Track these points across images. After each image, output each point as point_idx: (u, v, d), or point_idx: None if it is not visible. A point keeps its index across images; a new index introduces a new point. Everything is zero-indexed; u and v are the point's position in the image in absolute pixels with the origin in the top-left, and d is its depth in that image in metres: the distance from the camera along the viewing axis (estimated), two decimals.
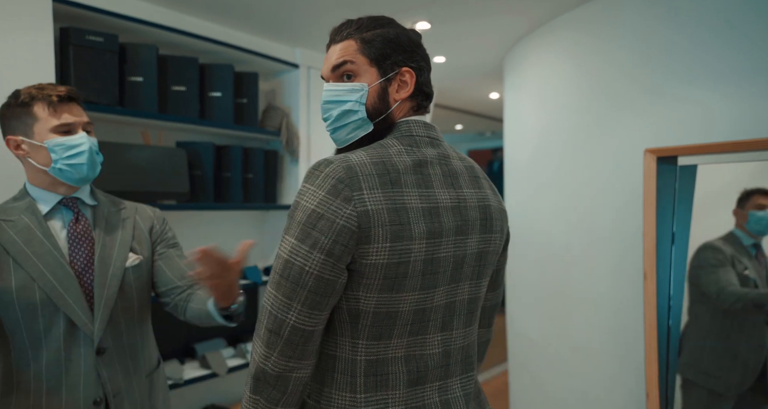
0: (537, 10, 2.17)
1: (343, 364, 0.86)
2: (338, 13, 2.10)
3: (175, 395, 2.24)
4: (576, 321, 2.12)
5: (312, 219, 0.80)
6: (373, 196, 0.80)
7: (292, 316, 0.81)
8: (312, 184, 0.82)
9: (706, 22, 1.67)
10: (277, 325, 0.81)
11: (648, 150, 1.75)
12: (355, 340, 0.85)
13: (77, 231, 1.26)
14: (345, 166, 0.82)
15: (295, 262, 0.80)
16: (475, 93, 3.84)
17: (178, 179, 2.05)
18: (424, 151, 0.90)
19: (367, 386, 0.85)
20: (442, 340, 0.91)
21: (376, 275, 0.81)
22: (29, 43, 1.61)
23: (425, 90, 0.95)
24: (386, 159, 0.85)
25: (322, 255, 0.79)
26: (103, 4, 1.82)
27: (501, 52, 2.77)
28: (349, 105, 0.91)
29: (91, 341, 1.23)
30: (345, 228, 0.79)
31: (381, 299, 0.83)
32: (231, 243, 2.51)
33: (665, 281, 1.71)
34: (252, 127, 2.35)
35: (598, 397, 2.00)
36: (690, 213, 1.69)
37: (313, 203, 0.80)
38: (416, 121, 0.92)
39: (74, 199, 1.28)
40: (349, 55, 0.91)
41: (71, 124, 1.23)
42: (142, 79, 1.96)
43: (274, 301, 0.82)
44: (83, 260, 1.25)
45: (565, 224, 2.18)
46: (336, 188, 0.80)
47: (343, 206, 0.79)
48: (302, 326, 0.81)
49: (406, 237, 0.81)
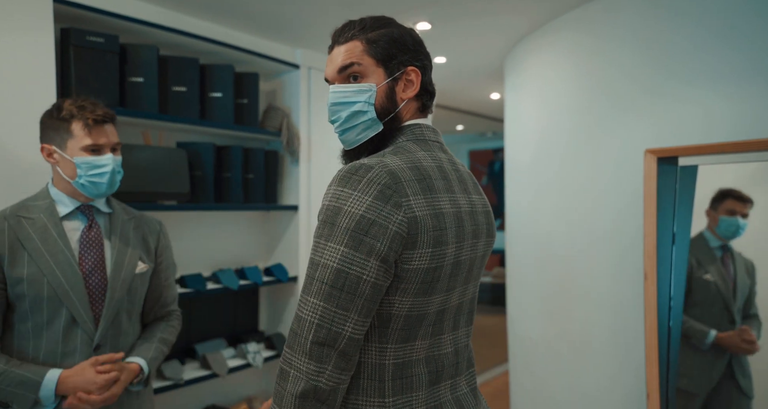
0: (537, 11, 2.17)
1: (370, 369, 0.85)
2: (339, 14, 2.10)
3: (175, 396, 2.24)
4: (577, 321, 2.11)
5: (362, 225, 0.77)
6: (418, 202, 0.81)
7: (348, 327, 0.78)
8: (353, 190, 0.79)
9: (706, 23, 1.67)
10: (332, 338, 0.77)
11: (648, 150, 1.74)
12: (383, 344, 0.84)
13: (89, 237, 1.38)
14: (388, 172, 0.81)
15: (350, 271, 0.77)
16: (476, 93, 3.84)
17: (178, 180, 2.05)
18: (439, 156, 0.91)
19: (395, 389, 0.85)
20: (453, 339, 0.93)
21: (416, 280, 0.82)
22: (30, 44, 1.61)
23: (429, 89, 0.97)
24: (418, 164, 0.86)
25: (377, 262, 0.78)
26: (103, 4, 1.83)
27: (502, 52, 2.77)
28: (359, 106, 0.91)
29: (89, 337, 1.33)
30: (397, 234, 0.79)
31: (415, 302, 0.84)
32: (231, 244, 2.52)
33: (666, 282, 1.71)
34: (252, 128, 2.35)
35: (599, 397, 2.00)
36: (691, 214, 1.68)
37: (360, 209, 0.78)
38: (427, 126, 0.94)
39: (90, 207, 1.40)
40: (356, 56, 0.91)
41: (101, 146, 1.34)
42: (143, 80, 1.96)
43: (325, 313, 0.78)
44: (91, 263, 1.36)
45: (565, 224, 2.18)
46: (384, 194, 0.79)
47: (394, 212, 0.79)
48: (357, 336, 0.79)
49: (443, 242, 0.83)
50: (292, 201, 2.56)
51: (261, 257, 2.65)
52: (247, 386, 2.56)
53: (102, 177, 1.34)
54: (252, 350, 2.31)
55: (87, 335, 1.33)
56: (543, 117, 2.36)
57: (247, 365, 2.28)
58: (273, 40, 2.46)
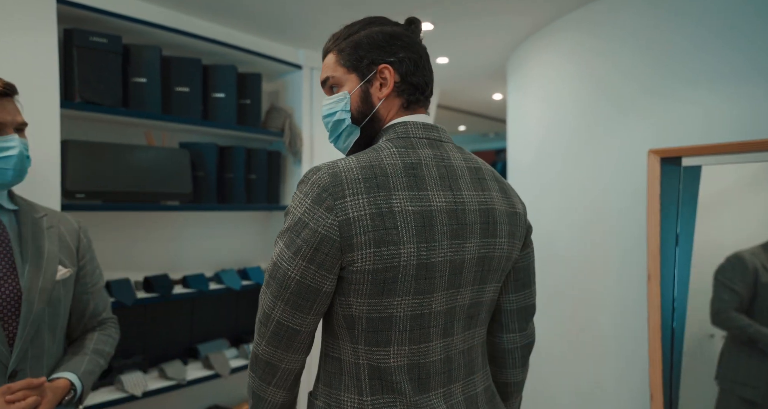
0: (540, 11, 2.17)
1: (348, 367, 0.88)
2: (341, 15, 2.10)
3: (178, 396, 2.24)
4: (580, 322, 2.11)
5: (298, 227, 0.82)
6: (356, 203, 0.80)
7: (276, 312, 0.85)
8: (301, 192, 0.84)
9: (707, 23, 1.66)
10: (265, 318, 0.87)
11: (652, 151, 1.74)
12: (354, 345, 0.86)
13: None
14: (330, 173, 0.82)
15: (280, 265, 0.84)
16: (479, 94, 3.84)
17: (181, 180, 2.05)
18: (420, 152, 0.88)
19: (372, 388, 0.86)
20: (444, 346, 0.90)
21: (364, 281, 0.81)
22: (34, 44, 1.61)
23: (412, 81, 0.92)
24: (375, 163, 0.84)
25: (303, 262, 0.82)
26: (106, 5, 1.83)
27: (504, 53, 2.77)
28: (338, 115, 0.94)
29: (1, 363, 1.08)
30: (326, 237, 0.80)
31: (372, 304, 0.83)
32: (234, 244, 2.52)
33: (669, 283, 1.71)
34: (255, 128, 2.35)
35: (602, 399, 1.99)
36: (694, 214, 1.68)
37: (300, 211, 0.83)
38: (414, 123, 0.91)
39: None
40: (330, 69, 0.95)
41: (2, 124, 1.10)
42: (146, 80, 1.96)
43: (264, 297, 0.87)
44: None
45: (568, 224, 2.17)
46: (320, 197, 0.81)
47: (325, 216, 0.80)
48: (286, 323, 0.85)
49: (392, 241, 0.80)
50: None
51: (263, 257, 2.65)
52: None
53: (7, 162, 1.09)
54: None
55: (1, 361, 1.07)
56: (545, 117, 2.35)
57: None
58: (276, 41, 2.46)
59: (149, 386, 1.93)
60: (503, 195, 0.94)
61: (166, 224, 2.25)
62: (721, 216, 1.66)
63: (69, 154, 1.74)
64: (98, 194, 1.82)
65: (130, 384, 1.87)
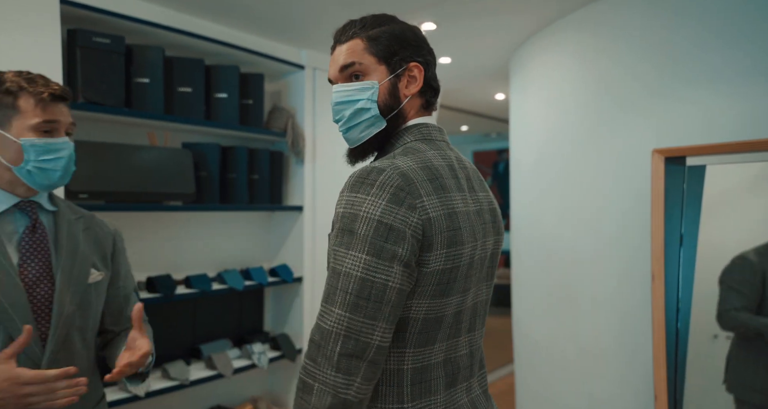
0: (542, 11, 2.16)
1: (388, 375, 0.83)
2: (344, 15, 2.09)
3: (180, 396, 2.24)
4: (583, 323, 2.10)
5: (381, 231, 0.76)
6: (431, 203, 0.80)
7: (377, 336, 0.76)
8: (367, 194, 0.78)
9: (710, 23, 1.66)
10: (360, 349, 0.75)
11: (656, 150, 1.73)
12: (401, 349, 0.83)
13: (33, 240, 1.11)
14: (400, 173, 0.79)
15: (375, 279, 0.75)
16: (481, 94, 3.84)
17: (183, 180, 2.05)
18: (448, 154, 0.91)
19: (413, 394, 0.84)
20: (469, 341, 0.92)
21: (432, 282, 0.81)
22: (37, 45, 1.61)
23: (433, 85, 0.95)
24: (428, 164, 0.84)
25: (401, 267, 0.76)
26: (109, 5, 1.83)
27: (507, 52, 2.76)
28: (362, 104, 0.90)
29: (33, 363, 1.06)
30: (413, 237, 0.77)
31: (432, 305, 0.82)
32: (237, 244, 2.52)
33: (673, 283, 1.70)
34: (257, 129, 2.35)
35: (606, 399, 1.99)
36: (699, 214, 1.67)
37: (375, 214, 0.76)
38: (433, 126, 0.94)
39: (32, 203, 1.13)
40: (357, 55, 0.91)
41: (55, 125, 1.10)
42: (149, 81, 1.96)
43: (352, 323, 0.75)
44: (36, 272, 1.09)
45: (571, 225, 2.17)
46: (398, 197, 0.77)
47: (409, 215, 0.77)
48: (385, 344, 0.77)
49: (458, 242, 0.82)
50: (297, 202, 2.56)
51: (266, 257, 2.65)
52: (252, 387, 2.56)
53: (56, 163, 1.09)
54: (257, 351, 2.31)
55: (31, 360, 1.05)
56: (548, 117, 2.35)
57: (252, 365, 2.27)
58: (278, 41, 2.46)
59: (152, 387, 1.93)
60: (491, 194, 1.00)
61: (169, 224, 2.25)
62: (725, 216, 1.65)
63: None
64: (101, 194, 1.82)
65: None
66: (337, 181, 2.65)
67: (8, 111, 1.07)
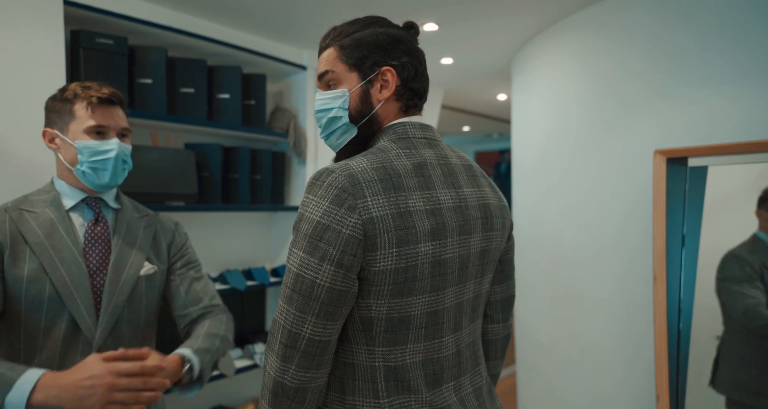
0: (545, 11, 2.16)
1: (362, 371, 0.86)
2: (346, 15, 2.10)
3: None
4: (585, 323, 2.10)
5: (318, 231, 0.79)
6: (376, 203, 0.80)
7: (307, 329, 0.80)
8: (315, 195, 0.81)
9: (713, 24, 1.66)
10: (293, 339, 0.81)
11: (658, 151, 1.73)
12: (370, 347, 0.85)
13: (95, 232, 1.23)
14: (347, 174, 0.81)
15: (305, 275, 0.79)
16: (483, 94, 3.84)
17: (186, 181, 2.06)
18: (423, 152, 0.89)
19: (389, 390, 0.85)
20: (455, 340, 0.92)
21: (386, 281, 0.81)
22: (41, 46, 1.62)
23: (412, 87, 0.93)
24: (387, 163, 0.84)
25: (331, 266, 0.78)
26: (112, 6, 1.84)
27: (509, 53, 2.76)
28: (334, 112, 0.92)
29: (90, 348, 1.16)
30: (352, 237, 0.78)
31: (392, 304, 0.83)
32: (239, 244, 2.53)
33: (675, 284, 1.70)
34: (260, 129, 2.35)
35: (607, 399, 1.99)
36: (701, 215, 1.67)
37: (317, 214, 0.79)
38: (412, 123, 0.92)
39: (98, 199, 1.25)
40: (330, 63, 0.93)
41: (104, 127, 1.19)
42: (151, 81, 1.97)
43: (287, 315, 0.81)
44: (96, 261, 1.21)
45: (573, 225, 2.17)
46: (339, 198, 0.79)
47: (347, 215, 0.78)
48: (318, 338, 0.81)
49: (411, 241, 0.81)
50: (299, 202, 2.56)
51: (268, 257, 2.66)
52: (254, 387, 2.57)
53: (105, 164, 1.19)
54: (259, 351, 2.31)
55: (89, 342, 1.16)
56: (550, 118, 2.35)
57: (254, 365, 2.28)
58: (280, 42, 2.46)
59: None
60: (492, 190, 0.98)
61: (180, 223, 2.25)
62: (727, 217, 1.65)
63: None
64: None
65: None
66: None
67: (66, 117, 1.19)
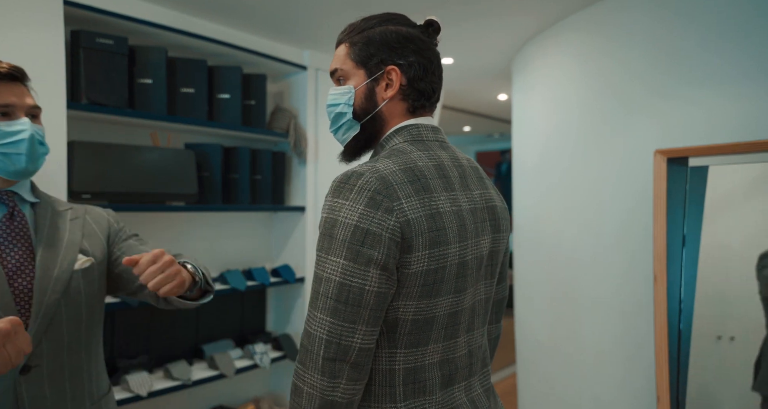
0: (545, 11, 2.16)
1: (380, 375, 0.84)
2: (346, 15, 2.10)
3: (182, 396, 2.25)
4: (585, 324, 2.10)
5: (358, 235, 0.77)
6: (410, 205, 0.79)
7: (357, 339, 0.77)
8: (345, 199, 0.79)
9: (714, 24, 1.65)
10: (342, 352, 0.77)
11: (658, 151, 1.73)
12: (392, 349, 0.83)
13: (11, 228, 1.07)
14: (377, 176, 0.79)
15: (352, 283, 0.77)
16: (484, 94, 3.83)
17: (186, 181, 2.06)
18: (439, 154, 0.90)
19: (406, 394, 0.84)
20: (467, 341, 0.92)
21: (416, 283, 0.81)
22: (41, 46, 1.62)
23: (419, 87, 0.91)
24: (411, 164, 0.84)
25: (378, 270, 0.77)
26: (113, 6, 1.84)
27: (509, 53, 2.76)
28: (340, 108, 0.93)
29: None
30: (391, 240, 0.77)
31: (419, 306, 0.82)
32: (239, 244, 2.53)
33: (676, 284, 1.70)
34: (260, 129, 2.35)
35: (608, 400, 1.98)
36: (701, 215, 1.67)
37: (353, 218, 0.77)
38: (424, 126, 0.92)
39: (10, 193, 1.10)
40: (339, 60, 0.94)
41: (9, 107, 1.05)
42: (151, 82, 1.97)
43: (332, 328, 0.77)
44: (16, 261, 1.06)
45: (573, 225, 2.17)
46: (375, 200, 0.78)
47: (386, 218, 0.77)
48: (367, 346, 0.79)
49: (442, 242, 0.81)
50: (299, 202, 2.56)
51: (268, 258, 2.66)
52: (254, 387, 2.57)
53: (18, 146, 1.04)
54: (259, 351, 2.31)
55: None
56: (551, 118, 2.35)
57: (255, 365, 2.28)
58: (280, 42, 2.46)
59: (154, 386, 1.94)
60: (495, 192, 0.99)
61: (172, 225, 2.26)
62: (728, 217, 1.64)
63: (75, 155, 1.75)
64: (104, 195, 1.83)
65: (136, 384, 1.88)
66: None
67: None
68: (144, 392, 1.87)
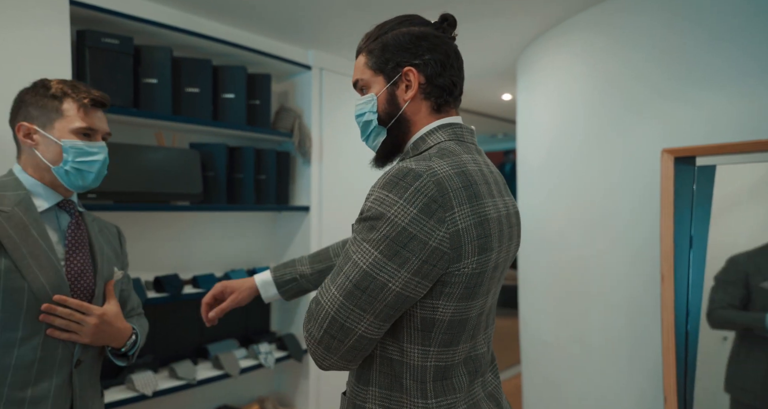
0: (550, 12, 2.15)
1: (412, 370, 0.85)
2: (351, 15, 2.10)
3: (187, 396, 2.25)
4: (590, 324, 2.09)
5: (403, 238, 0.76)
6: (462, 213, 0.80)
7: (362, 326, 0.79)
8: (399, 197, 0.77)
9: (718, 25, 1.65)
10: (343, 333, 0.79)
11: (666, 150, 1.72)
12: (425, 347, 0.84)
13: (77, 236, 1.19)
14: (435, 181, 0.78)
15: (377, 276, 0.77)
16: (488, 94, 3.83)
17: (191, 180, 2.06)
18: (478, 158, 0.91)
19: (437, 391, 0.85)
20: (485, 338, 0.95)
21: (461, 285, 0.82)
22: (47, 46, 1.62)
23: (438, 83, 0.92)
24: (464, 168, 0.84)
25: (409, 274, 0.77)
26: (118, 6, 1.84)
27: (514, 53, 2.75)
28: (366, 116, 0.95)
29: (70, 351, 1.14)
30: (437, 250, 0.77)
31: (458, 307, 0.83)
32: (243, 244, 2.53)
33: (683, 284, 1.68)
34: (264, 129, 2.35)
35: (614, 401, 1.97)
36: (709, 215, 1.66)
37: (404, 220, 0.76)
38: (465, 127, 0.94)
39: (70, 202, 1.22)
40: (359, 71, 0.97)
41: (94, 131, 1.20)
42: (157, 81, 1.97)
43: (342, 309, 0.78)
44: (79, 266, 1.18)
45: (578, 225, 2.16)
46: (430, 208, 0.77)
47: (436, 228, 0.77)
48: (369, 336, 0.80)
49: (488, 248, 0.83)
50: (304, 202, 2.56)
51: (272, 257, 2.66)
52: (258, 387, 2.57)
53: (92, 166, 1.17)
54: (264, 351, 2.31)
55: (69, 349, 1.14)
56: (555, 118, 2.34)
57: (259, 365, 2.28)
58: (285, 42, 2.46)
59: (159, 386, 1.94)
60: (512, 198, 1.00)
61: (176, 224, 2.26)
62: (735, 217, 1.63)
63: None
64: (109, 194, 1.83)
65: (141, 383, 1.88)
66: (343, 181, 2.66)
67: (52, 114, 1.16)
68: (149, 392, 1.88)
